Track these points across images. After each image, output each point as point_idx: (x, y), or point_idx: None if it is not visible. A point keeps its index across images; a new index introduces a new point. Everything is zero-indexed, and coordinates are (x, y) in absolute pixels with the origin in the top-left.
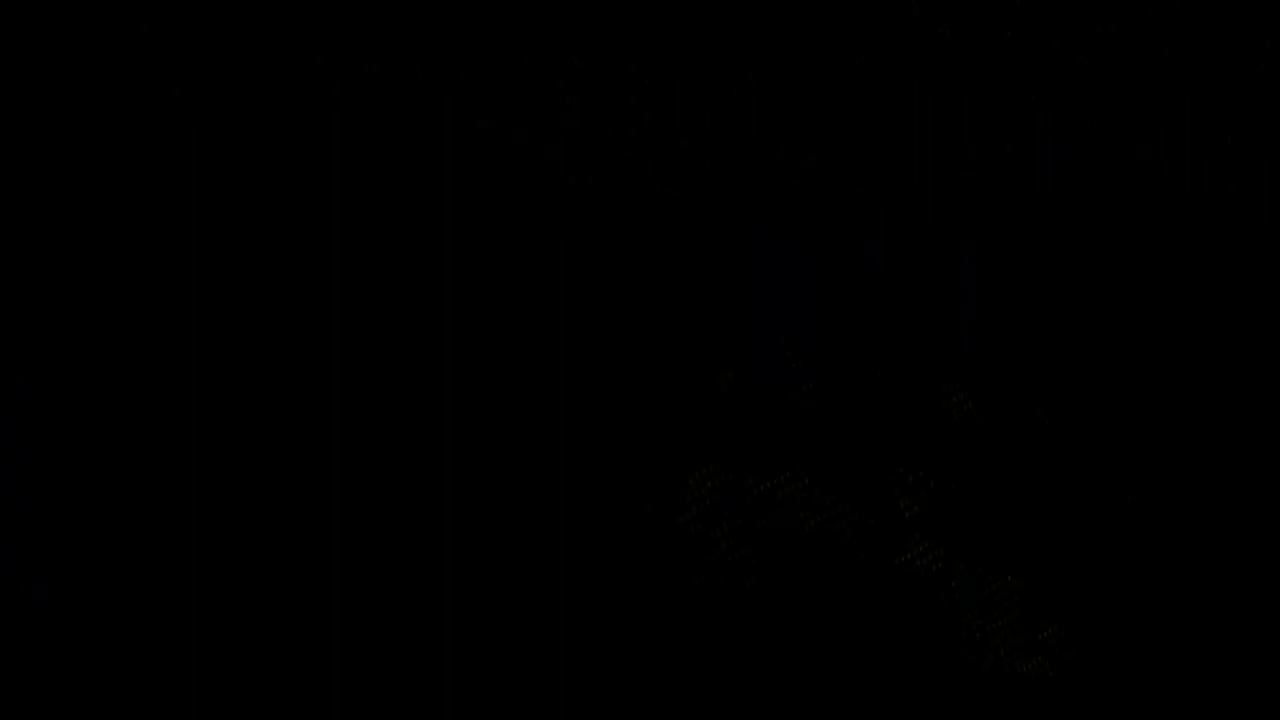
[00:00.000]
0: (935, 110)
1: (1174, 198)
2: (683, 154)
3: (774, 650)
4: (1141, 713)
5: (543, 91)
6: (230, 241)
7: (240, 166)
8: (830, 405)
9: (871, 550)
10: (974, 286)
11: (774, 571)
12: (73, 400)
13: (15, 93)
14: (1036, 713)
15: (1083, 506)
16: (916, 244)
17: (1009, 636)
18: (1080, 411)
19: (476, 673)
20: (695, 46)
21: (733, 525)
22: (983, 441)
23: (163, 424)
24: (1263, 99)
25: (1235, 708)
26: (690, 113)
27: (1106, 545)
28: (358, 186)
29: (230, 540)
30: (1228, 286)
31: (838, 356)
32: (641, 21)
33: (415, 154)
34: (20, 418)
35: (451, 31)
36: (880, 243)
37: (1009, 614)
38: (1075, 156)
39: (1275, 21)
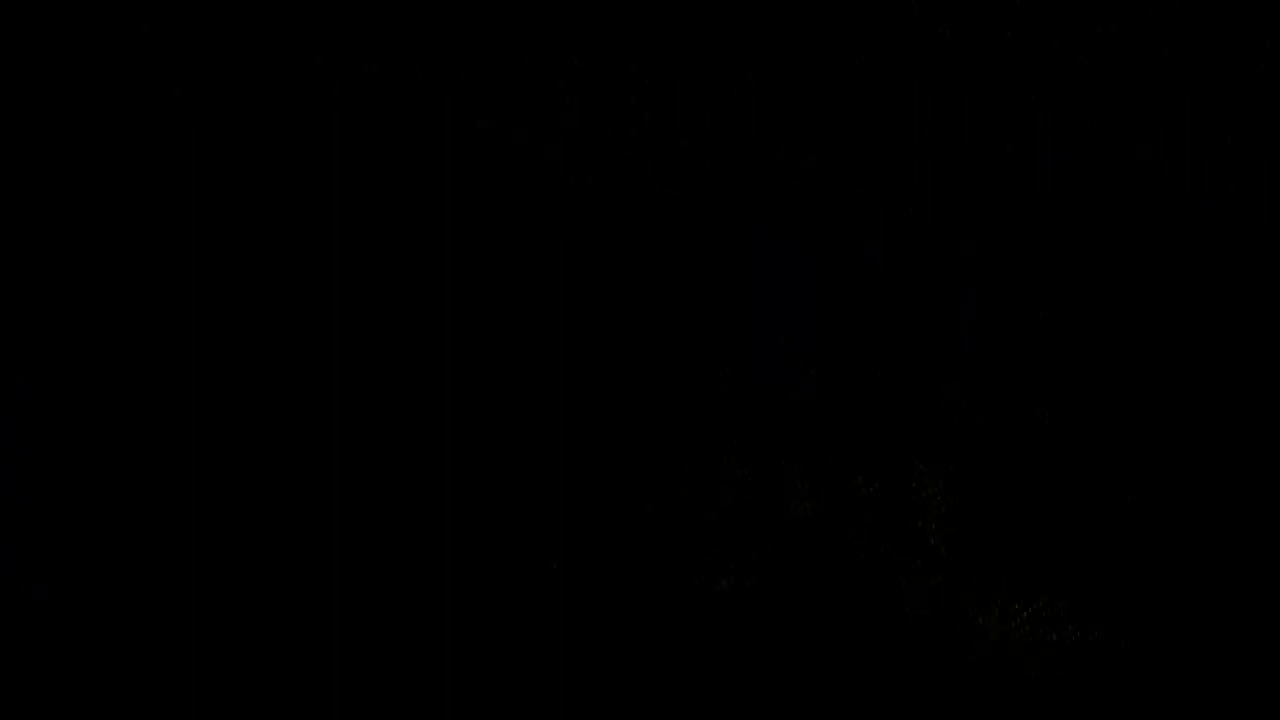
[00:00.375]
0: (935, 110)
1: (1174, 198)
2: (683, 154)
3: (774, 647)
4: (1141, 709)
5: (543, 91)
6: (230, 241)
7: (240, 166)
8: (830, 404)
9: (871, 549)
10: (974, 286)
11: (772, 570)
12: (73, 400)
13: (15, 93)
14: (1038, 711)
15: (1082, 505)
16: (916, 244)
17: (1009, 633)
18: (1080, 411)
19: (476, 671)
20: (695, 46)
21: (732, 524)
22: (982, 440)
23: (163, 424)
24: (1263, 99)
25: (1234, 704)
26: (690, 113)
27: (1105, 544)
28: (358, 186)
29: (230, 540)
30: (1228, 286)
31: (838, 356)
32: (641, 21)
33: (415, 154)
34: (20, 418)
35: (451, 31)
36: (880, 243)
37: (1009, 612)
38: (1075, 156)
39: (1275, 21)
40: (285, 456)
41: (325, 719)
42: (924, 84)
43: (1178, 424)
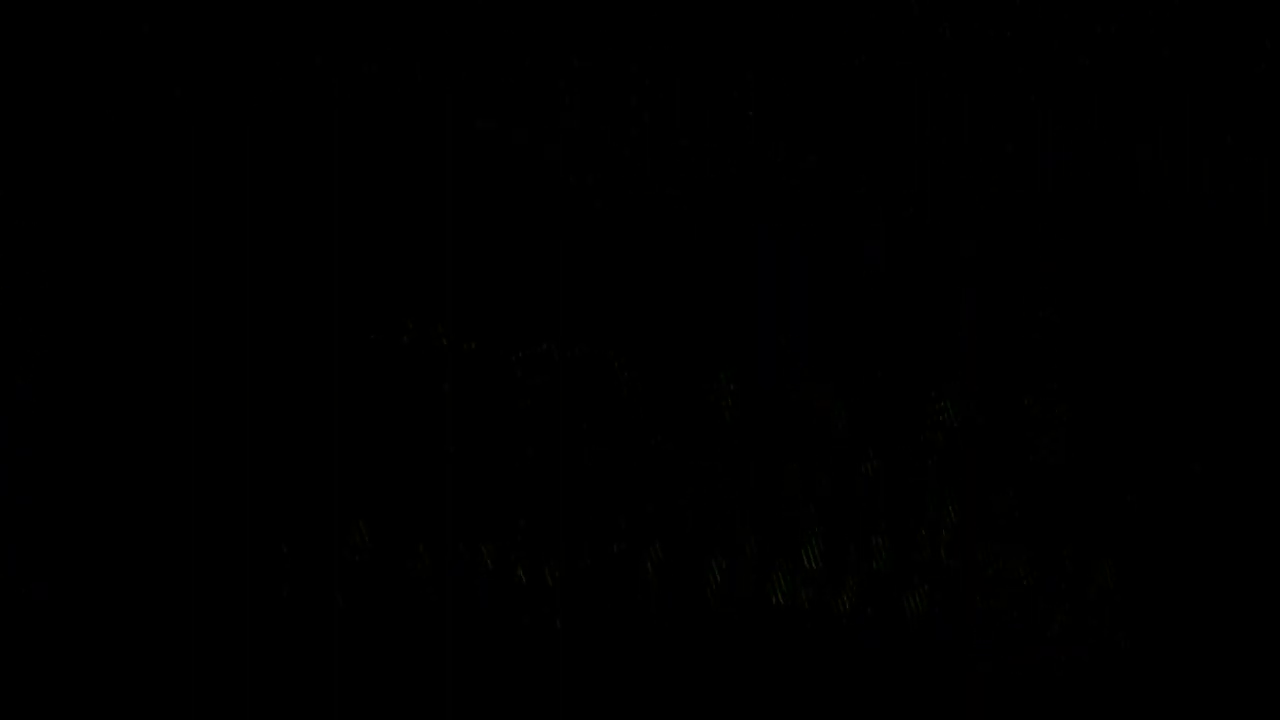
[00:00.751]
0: (935, 110)
1: (1174, 197)
2: (683, 154)
3: (775, 646)
4: (1141, 708)
5: (543, 91)
6: (230, 241)
7: (240, 166)
8: (830, 404)
9: (870, 548)
10: (974, 286)
11: (772, 569)
12: (73, 400)
13: (15, 93)
14: (1038, 710)
15: (1082, 505)
16: (916, 244)
17: (1009, 632)
18: (1081, 411)
19: (475, 672)
20: (695, 46)
21: (732, 524)
22: (982, 439)
23: (163, 424)
24: (1263, 99)
25: (1235, 704)
26: (690, 113)
27: (1106, 544)
28: (358, 186)
29: (231, 540)
30: (1229, 286)
31: (838, 356)
32: (641, 21)
33: (415, 154)
34: (20, 418)
35: (451, 31)
36: (880, 242)
37: (1009, 610)
38: (1075, 156)
39: (1275, 21)
40: (286, 457)
41: (325, 718)
42: (924, 84)
43: (1178, 424)
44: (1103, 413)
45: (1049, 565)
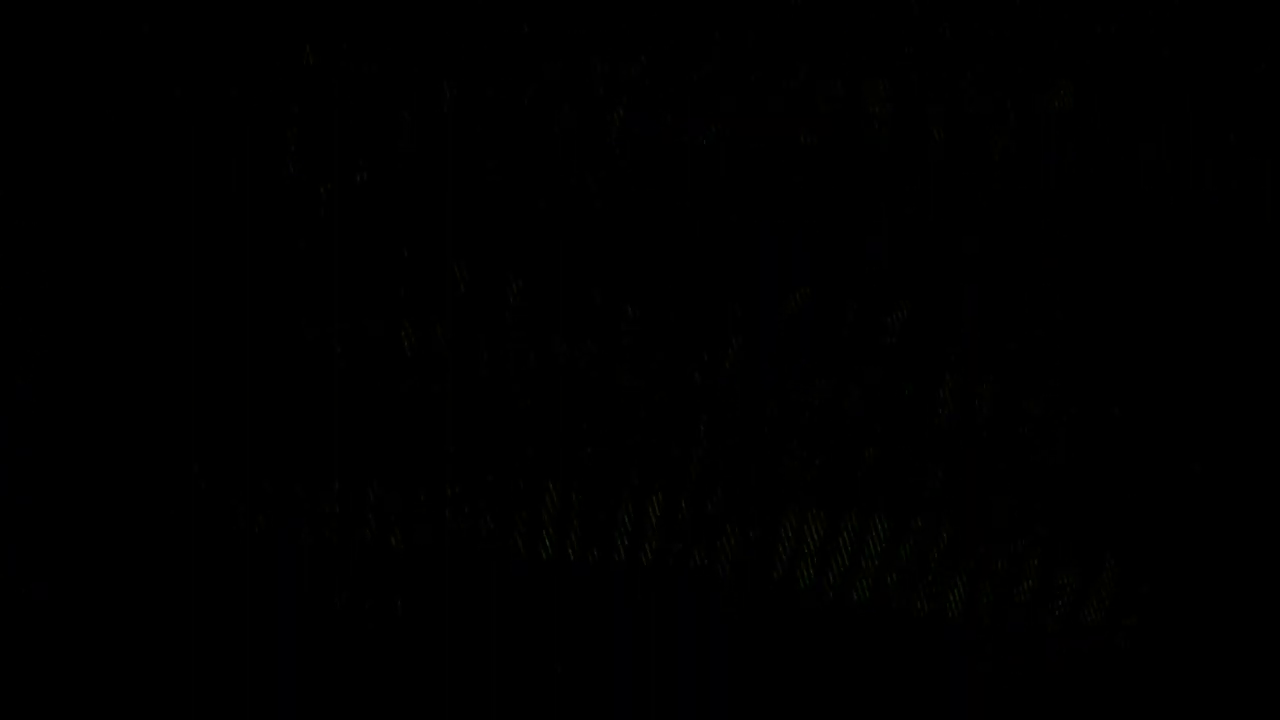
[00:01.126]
0: (935, 109)
1: (1177, 196)
2: (684, 151)
3: (776, 644)
4: (1140, 708)
5: (544, 92)
6: (230, 242)
7: (240, 166)
8: (831, 403)
9: (869, 546)
10: (975, 284)
11: (773, 568)
12: (73, 400)
13: (15, 93)
14: (1037, 710)
15: (1084, 506)
16: (919, 241)
17: (1009, 631)
18: (1082, 410)
19: (474, 671)
20: (695, 46)
21: (733, 523)
22: (983, 439)
23: (163, 424)
24: (1264, 99)
25: (1235, 704)
26: (690, 111)
27: (1106, 543)
28: (357, 186)
29: (232, 540)
30: (1231, 285)
31: (838, 356)
32: (642, 20)
33: (415, 153)
34: (20, 418)
35: (451, 31)
36: (883, 239)
37: (1008, 609)
38: (1078, 155)
39: (1275, 21)
40: (286, 459)
41: (326, 718)
42: (924, 82)
43: (1177, 423)
44: (1104, 413)
45: (1050, 565)
